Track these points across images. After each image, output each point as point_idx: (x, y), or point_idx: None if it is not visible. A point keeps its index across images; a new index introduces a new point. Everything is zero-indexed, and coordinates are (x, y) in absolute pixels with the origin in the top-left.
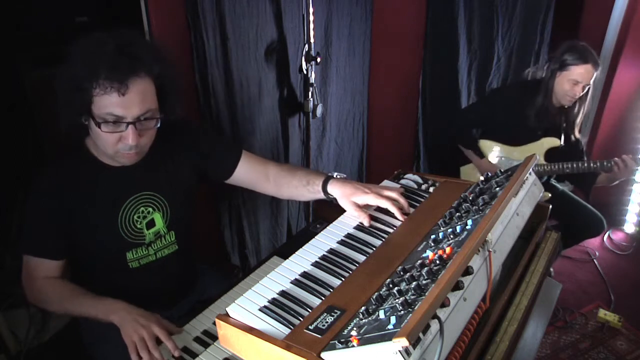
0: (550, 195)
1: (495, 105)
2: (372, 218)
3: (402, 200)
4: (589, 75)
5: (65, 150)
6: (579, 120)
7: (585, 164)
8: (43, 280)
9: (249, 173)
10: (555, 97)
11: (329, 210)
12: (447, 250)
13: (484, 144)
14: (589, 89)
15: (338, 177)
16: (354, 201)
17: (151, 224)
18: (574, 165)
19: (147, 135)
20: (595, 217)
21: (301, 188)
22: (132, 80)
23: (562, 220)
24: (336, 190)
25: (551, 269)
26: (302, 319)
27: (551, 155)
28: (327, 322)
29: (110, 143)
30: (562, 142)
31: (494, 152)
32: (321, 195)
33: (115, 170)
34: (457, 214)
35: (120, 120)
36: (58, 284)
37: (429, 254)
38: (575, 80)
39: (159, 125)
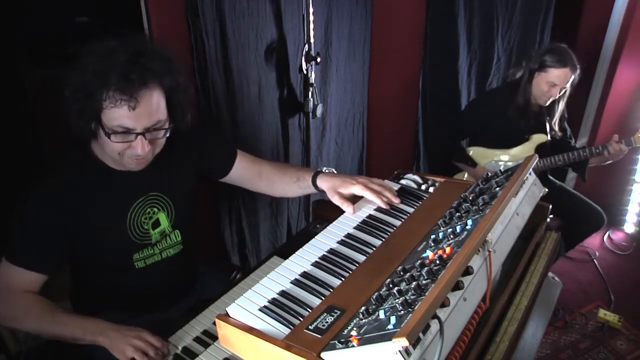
0: (547, 190)
1: (480, 112)
2: (372, 218)
3: (387, 193)
4: (566, 78)
5: (68, 155)
6: (556, 118)
7: (576, 153)
8: (22, 293)
9: (244, 172)
10: (533, 97)
11: (329, 210)
12: (447, 250)
13: (475, 151)
14: (565, 91)
15: (327, 171)
16: (339, 192)
17: (156, 223)
18: (566, 157)
19: (155, 144)
20: (594, 209)
21: (292, 184)
22: (143, 93)
23: (562, 216)
24: (324, 183)
25: (553, 275)
26: (302, 319)
27: (541, 150)
28: (327, 322)
29: (118, 150)
30: (549, 137)
31: (486, 159)
32: (312, 190)
33: (121, 173)
34: (457, 214)
35: (130, 131)
36: (37, 298)
37: (429, 254)
38: (553, 83)
39: (168, 135)
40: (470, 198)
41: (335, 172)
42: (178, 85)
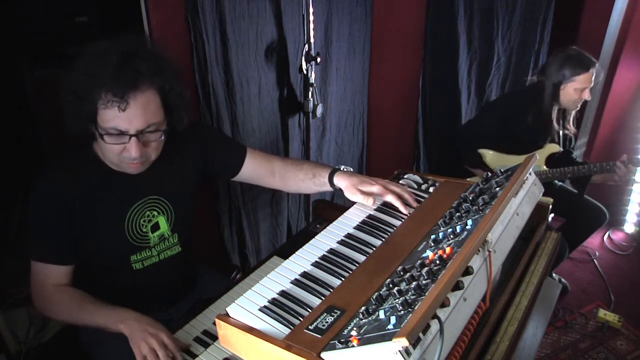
0: (552, 200)
1: (496, 117)
2: (372, 218)
3: (406, 195)
4: (592, 77)
5: (71, 153)
6: (573, 114)
7: (586, 167)
8: (53, 287)
9: (255, 170)
10: (562, 105)
11: (329, 210)
12: (447, 250)
13: (489, 155)
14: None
15: (345, 169)
16: (360, 189)
17: (156, 227)
18: (575, 169)
19: (151, 147)
20: (596, 206)
21: (307, 181)
22: (133, 94)
23: (564, 215)
24: (342, 181)
25: (560, 278)
26: (302, 319)
27: (550, 160)
28: (327, 322)
29: (114, 153)
30: (561, 148)
31: (499, 164)
32: (327, 187)
33: (121, 175)
34: (457, 214)
35: (123, 133)
36: (68, 291)
37: (429, 254)
38: (583, 87)
39: (163, 137)
40: (470, 198)
41: (352, 170)
42: (172, 87)
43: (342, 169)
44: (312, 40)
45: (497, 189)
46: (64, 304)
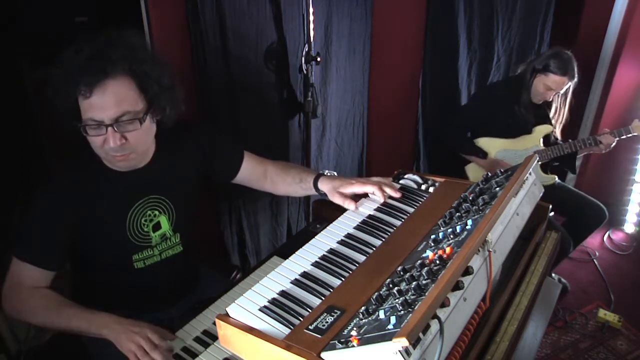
0: (556, 177)
1: (484, 105)
2: (372, 218)
3: (387, 187)
4: (562, 85)
5: (73, 157)
6: (558, 126)
7: (581, 141)
8: (32, 289)
9: (251, 173)
10: (530, 93)
11: (329, 210)
12: (447, 250)
13: (484, 142)
14: (570, 100)
15: (328, 174)
16: (340, 192)
17: (157, 226)
18: (571, 143)
19: (133, 137)
20: (595, 205)
21: (295, 185)
22: (103, 82)
23: (564, 214)
24: (325, 186)
25: (559, 277)
26: (302, 319)
27: (546, 140)
28: (327, 322)
29: (98, 146)
30: (554, 127)
31: (496, 149)
32: (313, 192)
33: (122, 175)
34: (457, 214)
35: (100, 124)
36: (45, 293)
37: (429, 254)
38: (549, 87)
39: (142, 126)
40: (470, 198)
41: (336, 174)
42: (149, 73)
43: (326, 173)
44: (312, 40)
45: (497, 189)
46: (40, 305)
